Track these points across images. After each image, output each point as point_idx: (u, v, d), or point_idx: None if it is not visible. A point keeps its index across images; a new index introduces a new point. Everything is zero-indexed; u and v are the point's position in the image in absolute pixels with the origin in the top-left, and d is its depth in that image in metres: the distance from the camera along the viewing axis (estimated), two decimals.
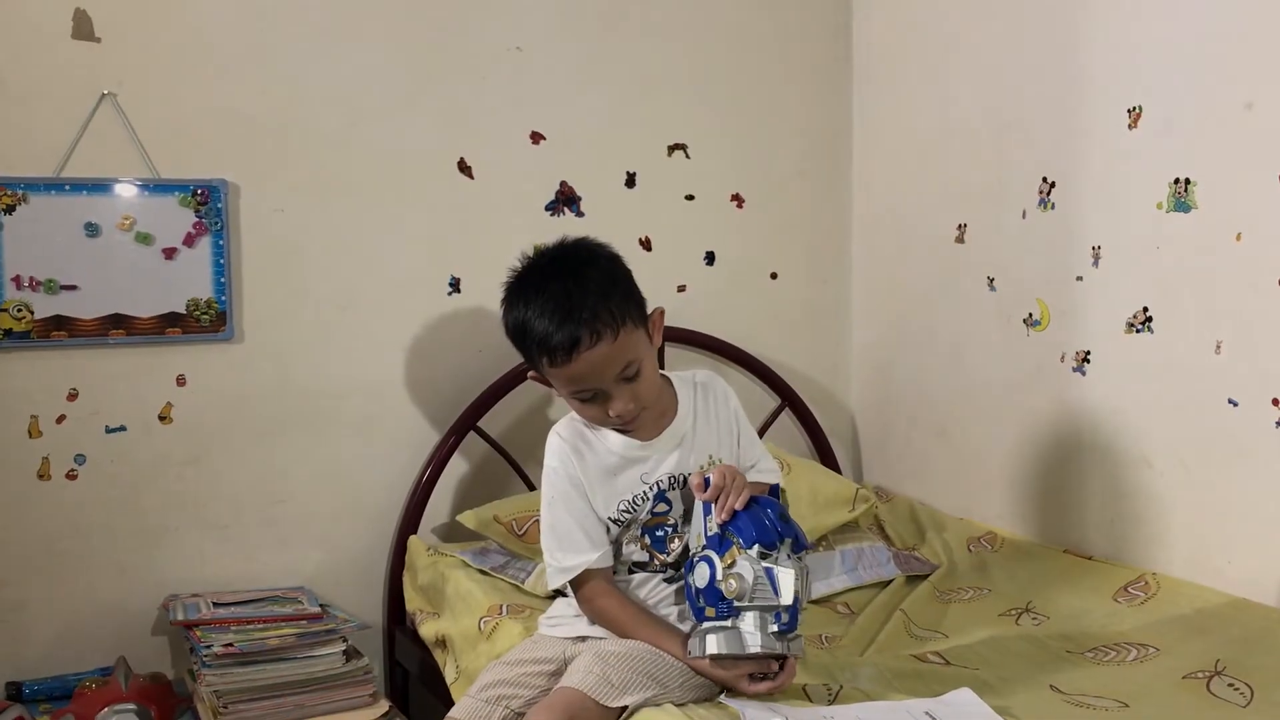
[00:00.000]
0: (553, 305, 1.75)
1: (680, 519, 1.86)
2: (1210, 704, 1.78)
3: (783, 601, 1.64)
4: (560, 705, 1.66)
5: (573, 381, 1.77)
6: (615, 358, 1.75)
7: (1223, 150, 2.13)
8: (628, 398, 1.78)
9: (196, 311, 2.47)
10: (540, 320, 1.75)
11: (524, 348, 1.82)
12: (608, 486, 1.85)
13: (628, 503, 1.85)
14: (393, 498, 2.69)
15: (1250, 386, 2.11)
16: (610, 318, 1.74)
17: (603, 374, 1.75)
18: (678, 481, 1.86)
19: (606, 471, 1.86)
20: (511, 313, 1.82)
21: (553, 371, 1.78)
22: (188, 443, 2.51)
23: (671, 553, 1.85)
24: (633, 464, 1.86)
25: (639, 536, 1.86)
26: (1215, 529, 2.19)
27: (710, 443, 1.90)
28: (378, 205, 2.63)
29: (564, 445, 1.87)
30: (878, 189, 3.04)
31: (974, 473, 2.76)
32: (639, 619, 1.81)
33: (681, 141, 2.91)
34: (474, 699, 1.82)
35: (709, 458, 1.88)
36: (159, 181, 2.43)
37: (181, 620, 2.31)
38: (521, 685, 1.82)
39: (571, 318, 1.72)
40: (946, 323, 2.82)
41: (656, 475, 1.85)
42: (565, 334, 1.72)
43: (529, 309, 1.77)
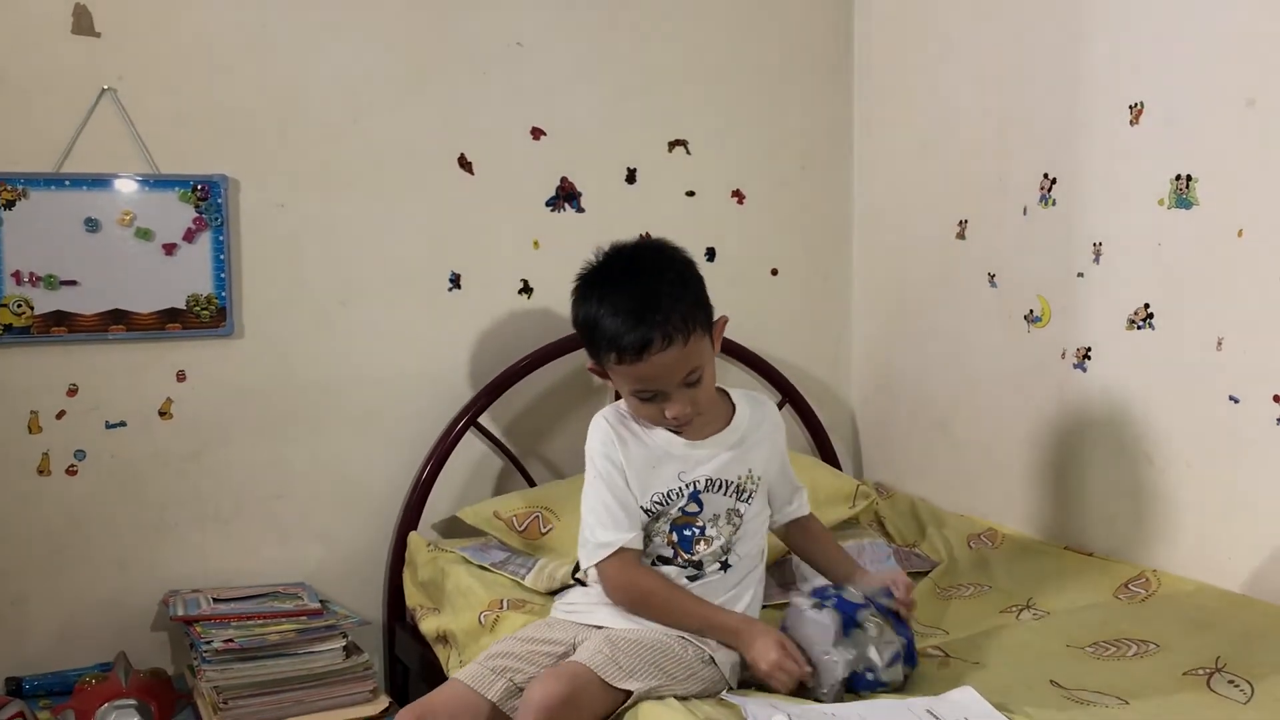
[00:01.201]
0: (628, 304, 1.78)
1: (709, 522, 1.89)
2: (1211, 700, 1.78)
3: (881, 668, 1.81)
4: (565, 675, 1.67)
5: (638, 381, 1.80)
6: (683, 362, 1.78)
7: (1224, 146, 2.13)
8: (686, 402, 1.81)
9: (196, 307, 2.47)
10: (613, 317, 1.78)
11: (591, 342, 1.84)
12: (645, 476, 1.89)
13: (662, 495, 1.88)
14: (393, 493, 2.69)
15: (1251, 383, 2.10)
16: (682, 323, 1.78)
17: (669, 377, 1.79)
18: (714, 485, 1.89)
19: (645, 462, 1.89)
20: (584, 306, 1.85)
21: (619, 369, 1.80)
22: (188, 438, 2.51)
23: (697, 553, 1.88)
24: (673, 460, 1.89)
25: (667, 532, 1.89)
26: (1216, 525, 2.19)
27: (755, 460, 1.95)
28: (378, 201, 2.63)
29: (609, 429, 1.92)
30: (878, 185, 3.04)
31: (975, 469, 2.75)
32: (688, 601, 1.84)
33: (682, 137, 2.91)
34: (480, 665, 1.84)
35: (749, 472, 1.93)
36: (159, 177, 2.43)
37: (181, 616, 2.31)
38: (528, 661, 1.83)
39: (646, 319, 1.76)
40: (947, 319, 2.81)
41: (694, 475, 1.89)
42: (638, 335, 1.75)
43: (603, 305, 1.80)
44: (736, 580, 1.92)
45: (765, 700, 1.68)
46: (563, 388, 2.83)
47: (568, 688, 1.64)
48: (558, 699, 1.63)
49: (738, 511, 1.91)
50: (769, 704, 1.66)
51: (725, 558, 1.90)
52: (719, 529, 1.90)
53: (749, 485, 1.93)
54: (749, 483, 1.93)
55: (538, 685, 1.66)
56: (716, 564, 1.90)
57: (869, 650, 1.80)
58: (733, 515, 1.91)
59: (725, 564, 1.91)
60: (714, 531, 1.89)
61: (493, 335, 2.75)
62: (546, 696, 1.63)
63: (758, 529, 1.96)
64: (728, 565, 1.91)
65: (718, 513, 1.90)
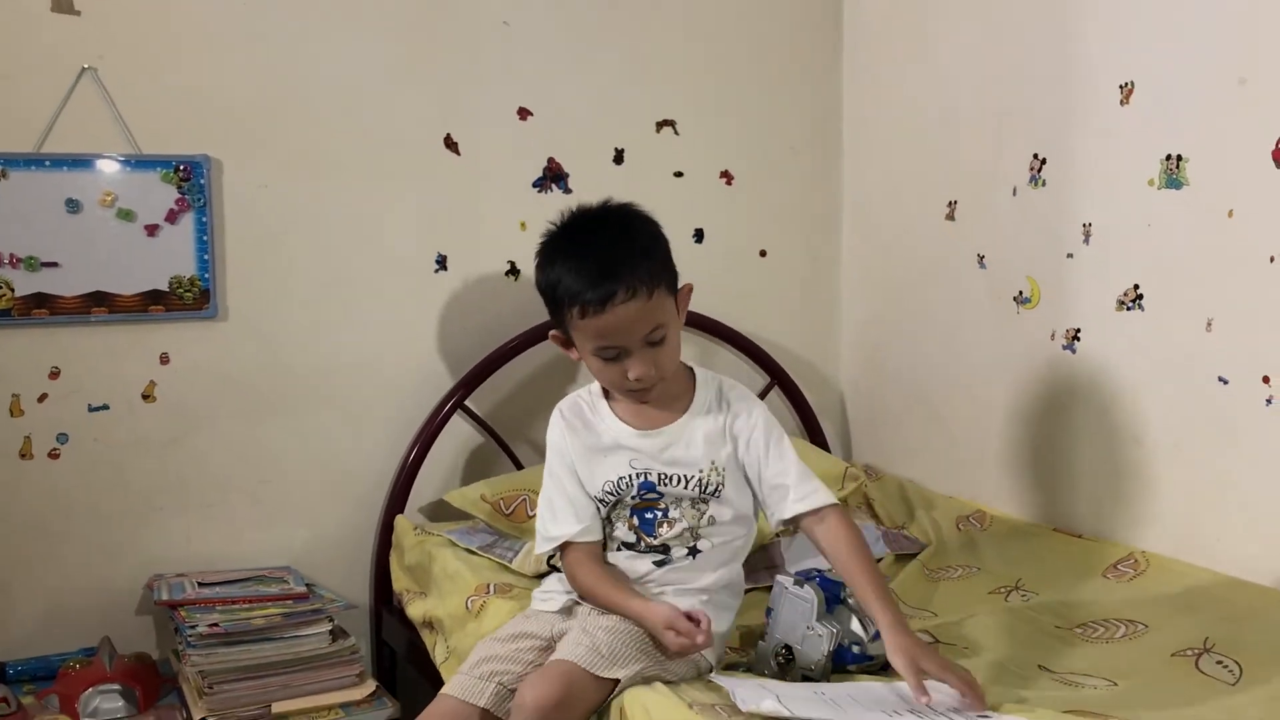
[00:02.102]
0: (593, 257, 1.75)
1: (672, 504, 1.85)
2: (1199, 682, 1.78)
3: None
4: (556, 676, 1.66)
5: (600, 336, 1.76)
6: (646, 317, 1.75)
7: (1215, 126, 2.12)
8: (649, 363, 1.77)
9: (180, 289, 2.45)
10: (578, 271, 1.75)
11: (555, 299, 1.80)
12: (594, 464, 1.87)
13: (612, 484, 1.85)
14: (379, 477, 2.67)
15: (1240, 364, 2.10)
16: (647, 277, 1.75)
17: (631, 332, 1.75)
18: (669, 479, 1.85)
19: (595, 450, 1.87)
20: (548, 263, 1.82)
21: (581, 324, 1.76)
22: (172, 422, 2.49)
23: (660, 536, 1.85)
24: (624, 450, 1.86)
25: (628, 517, 1.86)
26: (1205, 507, 2.18)
27: (715, 452, 1.85)
28: (363, 182, 2.60)
29: (561, 421, 1.92)
30: (868, 166, 3.02)
31: (963, 451, 2.75)
32: (611, 590, 1.81)
33: (670, 118, 2.89)
34: (466, 676, 1.81)
35: (711, 464, 1.84)
36: (141, 157, 2.40)
37: (166, 600, 2.29)
38: (513, 661, 1.81)
39: (611, 271, 1.73)
40: (936, 301, 2.80)
41: (644, 466, 1.85)
42: (602, 286, 1.72)
43: (568, 260, 1.77)
44: (709, 566, 1.86)
45: (754, 681, 1.67)
46: (550, 370, 2.81)
47: (559, 689, 1.63)
48: (551, 701, 1.62)
49: (704, 501, 1.85)
50: (758, 685, 1.65)
51: (695, 544, 1.85)
52: (682, 511, 1.85)
53: (714, 478, 1.85)
54: (712, 475, 1.84)
55: (529, 689, 1.64)
56: (684, 549, 1.85)
57: (853, 624, 1.80)
58: (698, 503, 1.85)
59: (694, 550, 1.86)
60: (677, 513, 1.85)
61: (479, 317, 2.74)
62: (539, 699, 1.62)
63: (734, 520, 1.87)
64: (696, 551, 1.86)
65: (680, 498, 1.86)
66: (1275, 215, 2.02)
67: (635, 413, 1.88)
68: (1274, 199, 2.01)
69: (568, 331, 1.82)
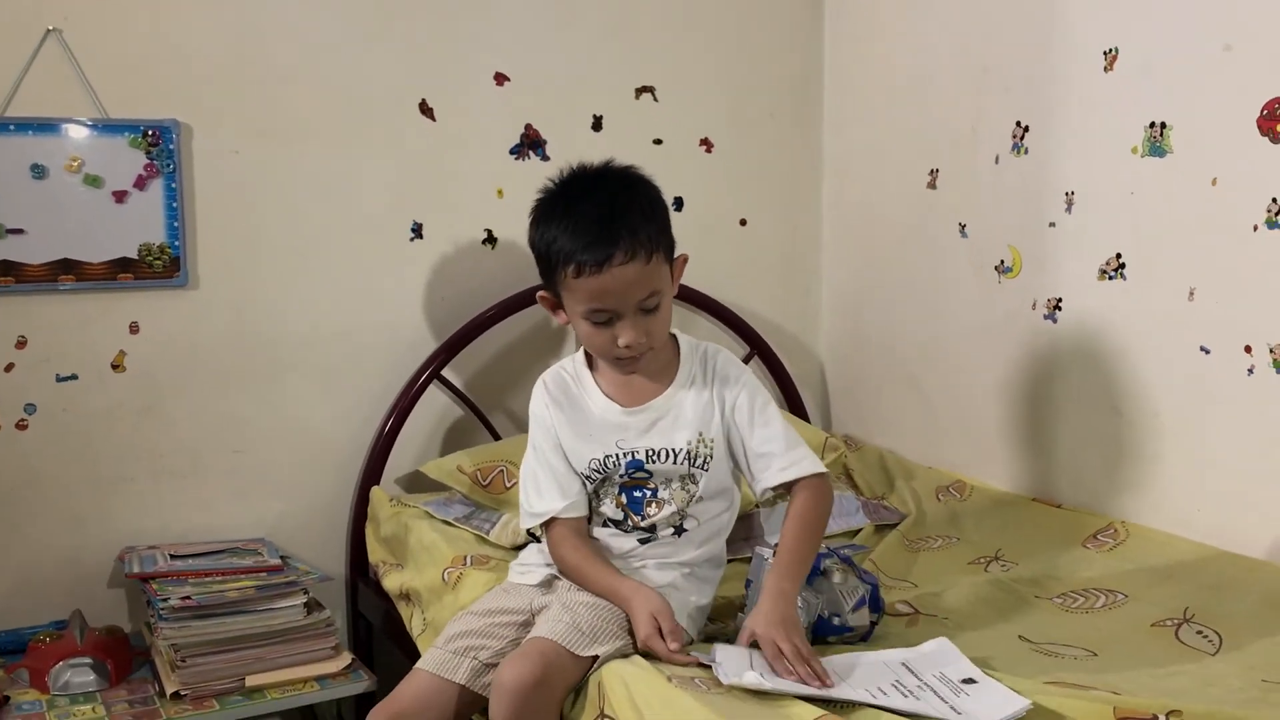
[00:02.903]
0: (593, 215, 1.71)
1: (661, 484, 1.82)
2: (1179, 651, 1.77)
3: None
4: (535, 655, 1.63)
5: (594, 298, 1.71)
6: (643, 282, 1.71)
7: (1200, 93, 2.10)
8: (641, 330, 1.73)
9: (149, 257, 2.40)
10: (576, 230, 1.70)
11: (548, 257, 1.75)
12: (579, 442, 1.83)
13: (599, 462, 1.82)
14: (355, 447, 2.64)
15: (1222, 334, 2.09)
16: (648, 240, 1.71)
17: (627, 295, 1.71)
18: (657, 455, 1.82)
19: (582, 427, 1.83)
20: (543, 221, 1.77)
21: (576, 284, 1.71)
22: (142, 391, 2.44)
23: (649, 516, 1.83)
24: (609, 428, 1.82)
25: (616, 495, 1.83)
26: (1185, 477, 2.18)
27: (704, 423, 1.82)
28: (336, 147, 2.55)
29: (545, 395, 1.87)
30: (849, 134, 2.99)
31: (943, 421, 2.74)
32: (593, 570, 1.78)
33: (649, 84, 2.85)
34: (441, 650, 1.80)
35: (699, 436, 1.81)
36: (108, 122, 2.34)
37: (137, 573, 2.26)
38: (490, 636, 1.79)
39: (609, 231, 1.69)
40: (917, 270, 2.78)
41: (633, 445, 1.82)
42: (601, 245, 1.68)
43: (565, 218, 1.73)
44: (692, 545, 1.85)
45: (735, 652, 1.66)
46: (528, 340, 2.78)
47: (538, 667, 1.61)
48: (530, 680, 1.60)
49: (693, 479, 1.82)
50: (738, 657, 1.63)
51: (681, 523, 1.83)
52: (672, 492, 1.82)
53: (702, 450, 1.81)
54: (701, 447, 1.81)
55: (508, 669, 1.62)
56: (670, 529, 1.83)
57: (833, 595, 1.78)
58: (687, 482, 1.83)
59: (680, 529, 1.84)
60: (666, 494, 1.82)
61: (456, 286, 2.70)
62: (518, 679, 1.60)
63: (721, 497, 1.86)
64: (682, 530, 1.84)
65: (670, 477, 1.82)
66: (1259, 183, 2.00)
67: (621, 387, 1.85)
68: (1258, 166, 2.00)
69: (558, 293, 1.78)
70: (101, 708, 2.11)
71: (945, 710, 1.47)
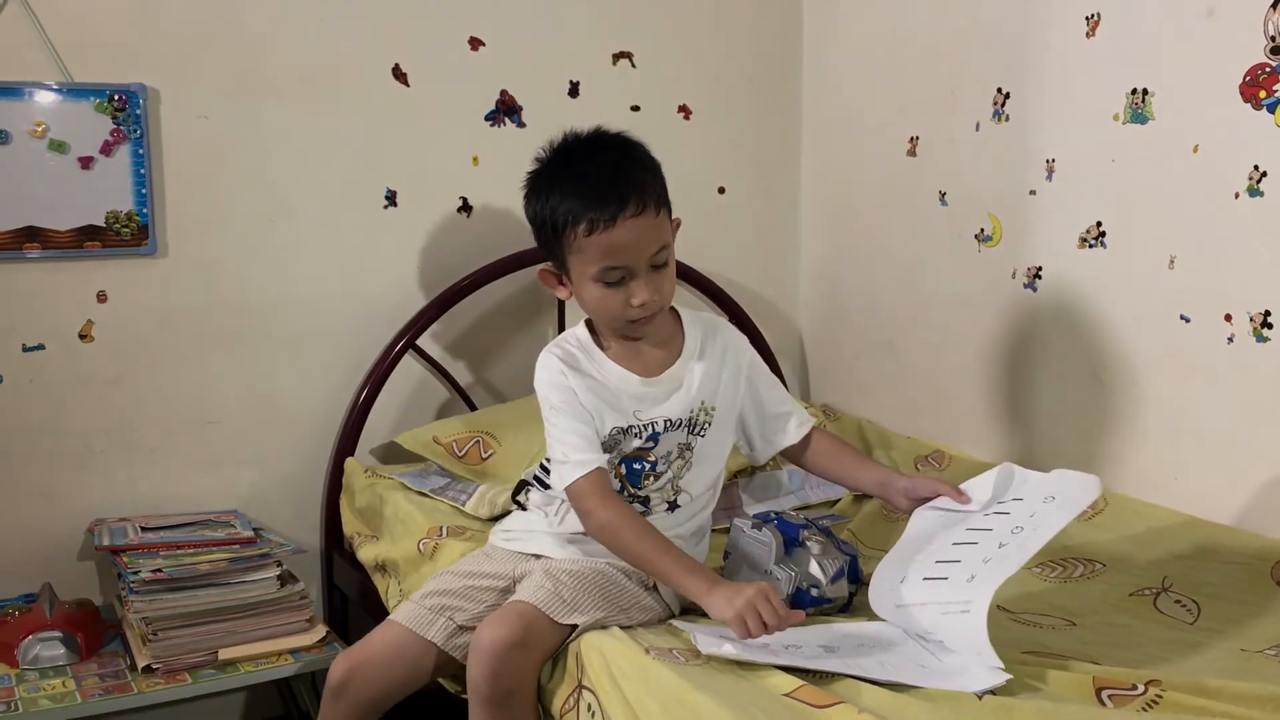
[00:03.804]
0: (598, 175, 1.70)
1: (661, 459, 1.80)
2: (1157, 621, 1.77)
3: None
4: (514, 616, 1.62)
5: (607, 254, 1.69)
6: (654, 234, 1.70)
7: (1182, 59, 2.08)
8: (654, 288, 1.72)
9: (116, 224, 2.35)
10: (583, 192, 1.68)
11: (554, 224, 1.71)
12: (599, 411, 1.78)
13: (620, 429, 1.79)
14: (329, 418, 2.61)
15: (1203, 302, 2.08)
16: (654, 194, 1.71)
17: (640, 249, 1.69)
18: (673, 424, 1.80)
19: (599, 396, 1.78)
20: (543, 190, 1.75)
21: (587, 243, 1.68)
22: (111, 361, 2.40)
23: (645, 488, 1.81)
24: (627, 398, 1.80)
25: (616, 465, 1.80)
26: (1164, 446, 2.17)
27: (709, 390, 1.83)
28: (308, 113, 2.51)
29: (557, 361, 1.80)
30: (828, 100, 2.96)
31: (923, 391, 2.73)
32: (656, 542, 1.67)
33: (627, 50, 2.81)
34: (417, 605, 1.78)
35: (701, 404, 1.81)
36: (73, 86, 2.29)
37: (107, 545, 2.22)
38: (467, 599, 1.78)
39: (619, 186, 1.68)
40: (897, 239, 2.76)
41: (651, 415, 1.79)
42: (613, 198, 1.66)
43: (568, 183, 1.71)
44: (683, 519, 1.84)
45: (712, 627, 1.64)
46: (505, 310, 2.75)
47: (518, 629, 1.60)
48: (507, 643, 1.59)
49: (689, 446, 1.82)
50: (717, 631, 1.62)
51: (675, 498, 1.82)
52: (669, 464, 1.81)
53: (702, 418, 1.82)
54: (701, 414, 1.82)
55: (486, 630, 1.61)
56: (664, 503, 1.82)
57: (811, 567, 1.78)
58: (684, 450, 1.82)
59: (674, 504, 1.82)
60: (664, 467, 1.81)
61: (431, 255, 2.66)
62: (496, 641, 1.59)
63: (709, 464, 1.85)
64: (676, 505, 1.83)
65: (670, 450, 1.81)
66: (1241, 150, 1.98)
67: (632, 358, 1.82)
68: (1240, 133, 1.98)
69: (564, 261, 1.74)
70: (72, 681, 2.08)
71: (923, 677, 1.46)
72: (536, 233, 1.79)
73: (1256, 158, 1.96)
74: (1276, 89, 1.92)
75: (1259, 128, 1.95)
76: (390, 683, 1.76)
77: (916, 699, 1.41)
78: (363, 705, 1.77)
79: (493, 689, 1.60)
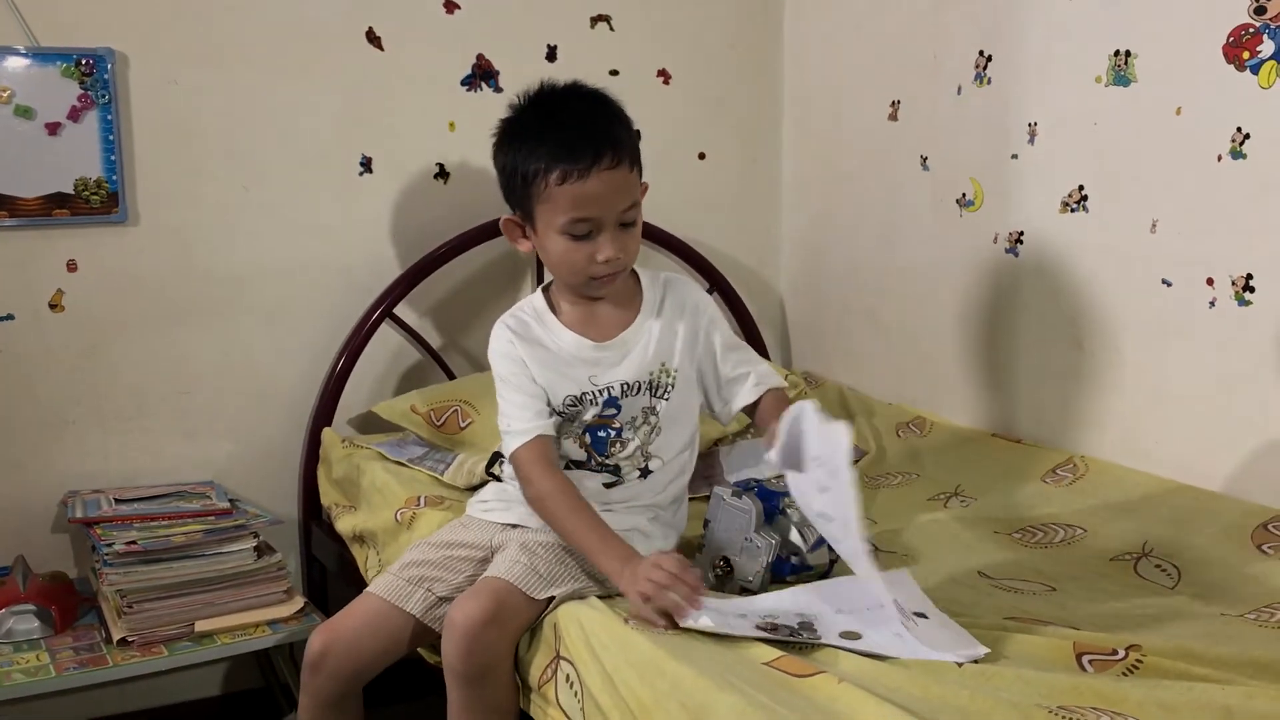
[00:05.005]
0: (574, 124, 1.67)
1: (626, 424, 1.78)
2: (1137, 586, 1.77)
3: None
4: (487, 593, 1.60)
5: (578, 205, 1.65)
6: (626, 189, 1.68)
7: (1165, 20, 2.05)
8: (620, 246, 1.69)
9: (85, 192, 2.31)
10: (557, 141, 1.66)
11: (524, 174, 1.68)
12: (551, 379, 1.76)
13: (574, 398, 1.77)
14: (306, 388, 2.58)
15: (1185, 266, 2.06)
16: (629, 150, 1.69)
17: (612, 203, 1.67)
18: (631, 388, 1.78)
19: (551, 364, 1.77)
20: (513, 139, 1.72)
21: (559, 192, 1.65)
22: (83, 331, 2.37)
23: (613, 455, 1.79)
24: (581, 364, 1.77)
25: (579, 434, 1.78)
26: (1145, 411, 2.17)
27: (668, 351, 1.80)
28: (280, 78, 2.46)
29: (509, 332, 1.79)
30: (809, 64, 2.93)
31: (904, 357, 2.71)
32: (583, 519, 1.66)
33: (605, 13, 2.77)
34: (395, 577, 1.77)
35: (661, 365, 1.79)
36: (39, 50, 2.24)
37: (80, 518, 2.20)
38: (445, 569, 1.77)
39: (594, 137, 1.65)
40: (878, 204, 2.74)
41: (607, 380, 1.77)
42: (587, 150, 1.64)
43: (542, 132, 1.68)
44: (659, 487, 1.82)
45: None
46: (482, 277, 2.72)
47: (490, 606, 1.58)
48: (480, 620, 1.57)
49: (653, 410, 1.79)
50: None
51: (646, 464, 1.80)
52: (635, 430, 1.78)
53: (663, 380, 1.79)
54: (663, 376, 1.79)
55: (459, 608, 1.60)
56: (635, 471, 1.79)
57: (791, 535, 1.77)
58: (648, 414, 1.79)
59: (645, 470, 1.80)
60: (630, 434, 1.78)
61: (407, 222, 2.63)
62: (469, 619, 1.57)
63: (678, 426, 1.82)
64: (648, 472, 1.80)
65: (635, 415, 1.78)
66: (1224, 112, 1.97)
67: (587, 322, 1.80)
68: (1223, 96, 1.96)
69: (530, 211, 1.71)
70: (46, 655, 2.06)
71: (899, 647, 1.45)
72: (505, 181, 1.75)
73: (1239, 120, 1.94)
74: (1260, 50, 1.90)
75: (1242, 89, 1.93)
76: (369, 655, 1.75)
77: (896, 667, 1.40)
78: (342, 678, 1.75)
79: (467, 666, 1.59)
